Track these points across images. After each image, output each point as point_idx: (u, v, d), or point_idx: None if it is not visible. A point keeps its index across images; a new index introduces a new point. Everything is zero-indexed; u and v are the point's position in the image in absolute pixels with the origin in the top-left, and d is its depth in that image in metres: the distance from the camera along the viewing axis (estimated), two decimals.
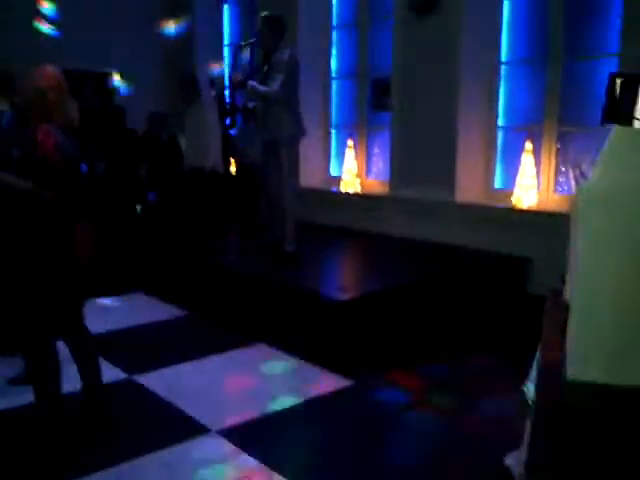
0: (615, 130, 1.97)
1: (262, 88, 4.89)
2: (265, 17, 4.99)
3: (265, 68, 4.98)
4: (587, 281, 1.82)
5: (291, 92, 4.99)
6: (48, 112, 2.92)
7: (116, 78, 7.75)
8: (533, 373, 2.51)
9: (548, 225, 4.78)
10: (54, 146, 2.84)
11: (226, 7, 8.25)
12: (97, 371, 3.28)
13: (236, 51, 5.65)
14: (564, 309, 2.25)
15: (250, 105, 5.24)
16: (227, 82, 6.76)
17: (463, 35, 5.37)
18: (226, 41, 8.29)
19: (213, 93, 6.49)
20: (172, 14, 8.24)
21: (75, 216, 2.99)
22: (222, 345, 4.51)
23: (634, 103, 2.37)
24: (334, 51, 7.00)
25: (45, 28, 6.79)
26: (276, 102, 4.89)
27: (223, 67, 6.37)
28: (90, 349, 3.26)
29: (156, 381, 3.93)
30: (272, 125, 4.98)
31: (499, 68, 5.52)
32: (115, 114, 7.11)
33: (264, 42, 5.01)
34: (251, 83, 4.93)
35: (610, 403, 1.77)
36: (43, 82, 2.94)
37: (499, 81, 5.53)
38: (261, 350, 4.47)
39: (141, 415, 3.53)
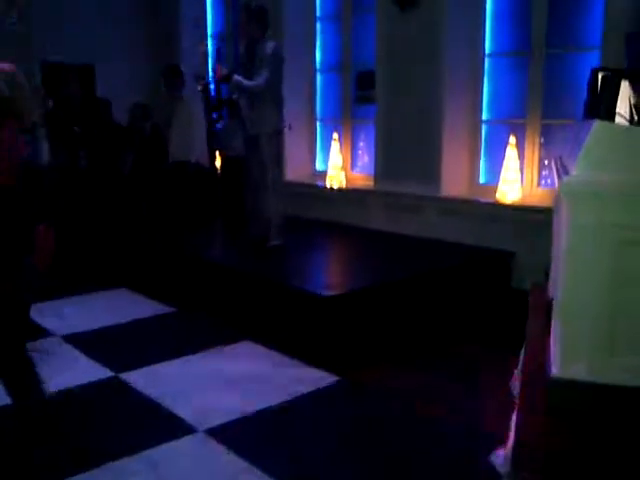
0: (596, 125, 1.97)
1: (247, 83, 4.86)
2: (249, 7, 4.95)
3: (248, 60, 4.95)
4: (572, 279, 1.82)
5: (275, 86, 4.97)
6: (4, 113, 2.74)
7: None
8: (519, 370, 2.52)
9: (532, 219, 4.80)
10: (8, 151, 2.67)
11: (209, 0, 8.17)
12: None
13: (219, 46, 5.62)
14: (548, 306, 2.26)
15: (234, 97, 5.21)
16: (211, 76, 6.70)
17: (446, 28, 5.36)
18: (209, 32, 8.22)
19: (199, 88, 6.43)
20: (156, 5, 8.18)
21: (34, 219, 2.78)
22: (208, 342, 4.49)
23: (616, 98, 2.37)
24: (318, 43, 6.96)
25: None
26: (260, 96, 4.86)
27: (206, 54, 6.31)
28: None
29: (142, 379, 3.91)
30: (254, 119, 4.96)
31: (483, 61, 5.52)
32: (101, 106, 7.03)
33: (248, 33, 4.97)
34: (236, 78, 4.89)
35: (595, 401, 1.78)
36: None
37: (483, 74, 5.53)
38: (247, 347, 4.45)
39: (127, 414, 3.50)
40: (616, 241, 1.76)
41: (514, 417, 2.40)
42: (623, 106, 2.37)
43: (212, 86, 6.69)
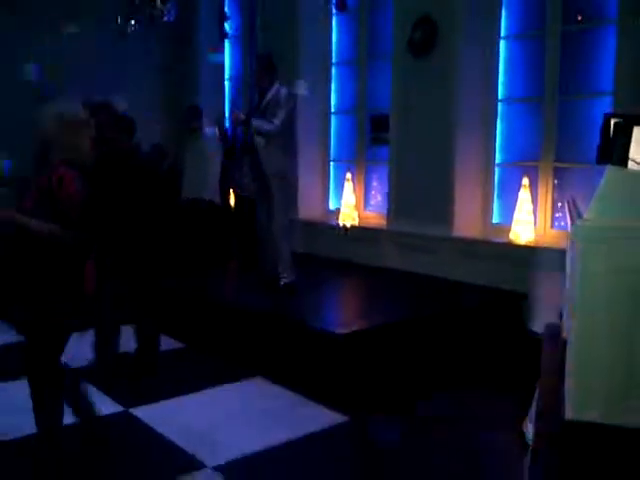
0: (609, 171, 2.01)
1: (266, 126, 4.97)
2: (258, 57, 5.15)
3: (261, 105, 5.08)
4: (584, 324, 1.83)
5: (286, 128, 5.10)
6: (61, 152, 2.93)
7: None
8: (533, 413, 2.51)
9: (545, 260, 4.81)
10: (75, 189, 2.85)
11: (227, 42, 8.38)
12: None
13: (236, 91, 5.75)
14: (562, 348, 2.26)
15: (249, 139, 5.31)
16: (228, 120, 6.82)
17: (460, 75, 5.47)
18: (227, 75, 8.41)
19: (216, 131, 6.54)
20: (175, 48, 8.39)
21: (87, 253, 3.01)
22: (219, 378, 4.49)
23: (628, 144, 2.41)
24: (333, 87, 7.11)
25: None
26: (273, 139, 4.99)
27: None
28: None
29: (152, 414, 3.91)
30: (264, 160, 5.06)
31: (496, 106, 5.61)
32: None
33: (258, 81, 5.14)
34: (255, 121, 5.00)
35: (609, 444, 1.77)
36: (55, 122, 2.95)
37: (496, 118, 5.61)
38: (258, 384, 4.44)
39: (136, 449, 3.50)
40: (629, 286, 1.78)
41: (527, 460, 2.39)
42: (636, 152, 2.40)
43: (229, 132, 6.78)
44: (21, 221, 2.85)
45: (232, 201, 7.05)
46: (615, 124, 2.48)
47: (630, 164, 2.32)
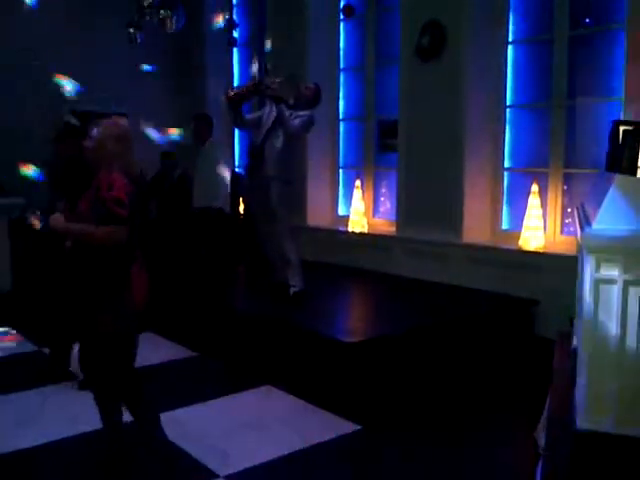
0: (618, 179, 2.01)
1: (290, 122, 4.95)
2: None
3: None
4: (595, 331, 1.83)
5: (295, 141, 5.12)
6: (111, 164, 3.07)
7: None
8: (544, 420, 2.50)
9: (555, 267, 4.79)
10: (125, 194, 3.01)
11: (235, 50, 8.43)
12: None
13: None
14: (573, 356, 2.25)
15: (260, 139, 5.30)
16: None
17: (468, 79, 5.47)
18: (235, 83, 8.45)
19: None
20: (184, 57, 8.44)
21: (132, 260, 3.13)
22: (230, 387, 4.49)
23: (637, 152, 2.40)
24: (342, 93, 7.13)
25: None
26: (286, 145, 4.99)
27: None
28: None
29: (163, 422, 3.89)
30: (269, 161, 5.06)
31: (504, 111, 5.60)
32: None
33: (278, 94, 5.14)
34: (282, 108, 4.97)
35: (619, 453, 1.76)
36: (105, 131, 3.11)
37: (504, 124, 5.60)
38: (268, 392, 4.44)
39: (147, 458, 3.50)
40: (638, 294, 1.78)
41: (539, 467, 2.38)
42: None
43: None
44: (75, 229, 3.07)
45: (241, 209, 7.08)
46: (624, 131, 2.47)
47: (639, 172, 2.31)
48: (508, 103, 5.60)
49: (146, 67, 7.64)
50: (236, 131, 7.30)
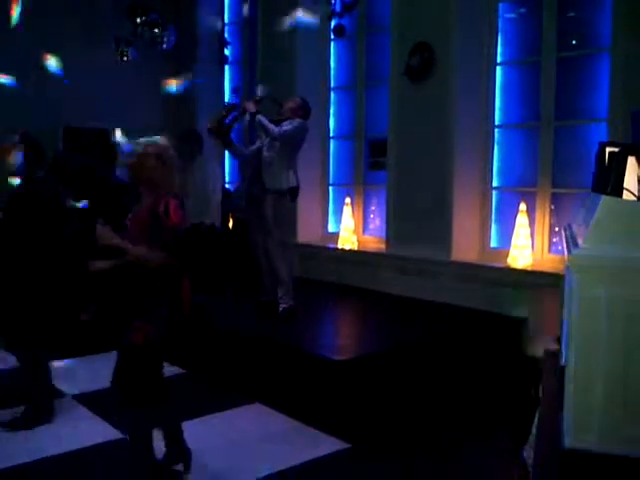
0: (604, 200, 2.04)
1: (271, 126, 4.98)
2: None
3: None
4: (580, 351, 1.85)
5: (291, 151, 5.11)
6: (153, 183, 3.11)
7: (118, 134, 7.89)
8: (532, 438, 2.51)
9: (543, 285, 4.83)
10: (182, 217, 3.10)
11: (227, 67, 8.49)
12: None
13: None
14: (560, 375, 2.27)
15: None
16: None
17: (457, 100, 5.55)
18: (226, 100, 8.48)
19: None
20: (175, 73, 8.46)
21: (183, 276, 3.25)
22: (218, 405, 4.47)
23: (623, 173, 2.44)
24: (332, 111, 7.19)
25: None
26: (277, 159, 5.01)
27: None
28: None
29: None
30: (266, 175, 5.07)
31: (493, 131, 5.67)
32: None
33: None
34: (260, 117, 5.00)
35: (606, 472, 1.78)
36: (145, 149, 3.14)
37: (493, 143, 5.67)
38: (258, 410, 4.42)
39: (137, 477, 3.47)
40: (624, 315, 1.81)
41: None
42: (631, 181, 2.44)
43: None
44: (138, 253, 3.07)
45: (230, 224, 7.07)
46: (610, 153, 2.51)
47: (625, 194, 2.35)
48: (497, 123, 5.67)
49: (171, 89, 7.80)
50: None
